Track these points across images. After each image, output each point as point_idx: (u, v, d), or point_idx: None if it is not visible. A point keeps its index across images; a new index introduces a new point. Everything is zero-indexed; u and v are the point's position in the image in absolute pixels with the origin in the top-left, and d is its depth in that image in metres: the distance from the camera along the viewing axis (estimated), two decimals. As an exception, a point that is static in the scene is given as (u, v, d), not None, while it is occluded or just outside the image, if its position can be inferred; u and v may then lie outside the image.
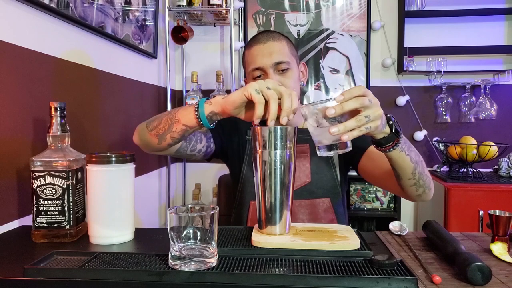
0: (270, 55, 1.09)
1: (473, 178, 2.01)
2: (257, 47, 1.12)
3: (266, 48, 1.10)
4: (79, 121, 1.35)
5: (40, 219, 0.86)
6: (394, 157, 0.88)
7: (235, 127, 1.24)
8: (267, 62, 1.09)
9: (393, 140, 0.83)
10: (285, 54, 1.11)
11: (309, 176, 1.15)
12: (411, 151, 0.90)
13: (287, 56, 1.11)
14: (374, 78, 2.42)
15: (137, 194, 0.89)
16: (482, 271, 0.63)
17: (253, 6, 2.44)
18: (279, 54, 1.10)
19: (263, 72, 1.11)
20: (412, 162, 0.90)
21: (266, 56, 1.09)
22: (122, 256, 0.72)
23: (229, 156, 1.25)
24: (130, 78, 1.78)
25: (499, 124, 2.33)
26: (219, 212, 0.68)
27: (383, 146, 0.85)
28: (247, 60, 1.16)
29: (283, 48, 1.12)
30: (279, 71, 1.10)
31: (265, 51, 1.10)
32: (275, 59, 1.09)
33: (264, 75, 1.11)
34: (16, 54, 1.05)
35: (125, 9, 1.70)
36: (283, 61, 1.10)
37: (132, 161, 0.87)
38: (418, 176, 0.93)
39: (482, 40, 2.30)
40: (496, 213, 0.83)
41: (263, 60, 1.09)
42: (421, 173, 0.93)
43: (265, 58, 1.09)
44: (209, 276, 0.64)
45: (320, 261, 0.70)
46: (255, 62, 1.11)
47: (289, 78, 1.11)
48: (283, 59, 1.10)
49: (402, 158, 0.89)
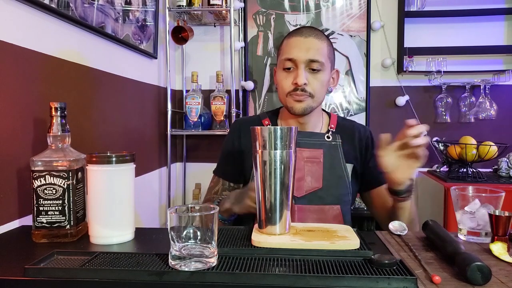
0: (308, 50, 1.07)
1: (473, 178, 2.01)
2: (297, 38, 1.09)
3: (305, 42, 1.07)
4: (79, 121, 1.35)
5: (41, 219, 0.86)
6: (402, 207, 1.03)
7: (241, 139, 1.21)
8: (302, 56, 1.06)
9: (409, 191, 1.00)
10: (322, 55, 1.08)
11: (320, 182, 1.12)
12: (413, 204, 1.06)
13: (323, 57, 1.08)
14: (374, 78, 2.42)
15: (137, 194, 0.89)
16: (482, 271, 0.63)
17: (253, 6, 2.44)
18: (316, 52, 1.07)
19: (294, 65, 1.08)
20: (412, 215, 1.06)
21: (303, 50, 1.07)
22: (122, 256, 0.72)
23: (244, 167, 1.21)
24: (130, 78, 1.78)
25: (499, 124, 2.33)
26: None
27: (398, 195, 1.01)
28: (283, 48, 1.12)
29: (322, 48, 1.09)
30: (310, 70, 1.08)
31: (303, 45, 1.07)
32: (310, 55, 1.06)
33: (294, 68, 1.08)
34: (16, 54, 1.05)
35: (125, 9, 1.70)
36: (318, 61, 1.07)
37: (132, 161, 0.87)
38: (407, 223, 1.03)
39: (482, 40, 2.30)
40: (496, 213, 0.83)
41: (299, 53, 1.07)
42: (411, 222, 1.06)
43: (302, 51, 1.07)
44: (209, 276, 0.64)
45: (320, 261, 0.70)
46: (290, 53, 1.08)
47: (318, 80, 1.09)
48: (318, 59, 1.07)
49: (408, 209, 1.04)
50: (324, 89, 1.12)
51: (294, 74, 1.08)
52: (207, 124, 2.26)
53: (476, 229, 0.87)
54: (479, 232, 0.87)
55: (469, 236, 0.88)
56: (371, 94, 2.41)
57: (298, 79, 1.06)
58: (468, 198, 0.89)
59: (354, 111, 2.43)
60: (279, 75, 1.13)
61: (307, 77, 1.07)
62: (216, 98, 2.22)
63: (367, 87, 2.40)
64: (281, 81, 1.11)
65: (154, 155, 2.15)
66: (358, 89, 2.42)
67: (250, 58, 2.46)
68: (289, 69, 1.09)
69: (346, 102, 2.44)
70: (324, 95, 1.15)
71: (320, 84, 1.09)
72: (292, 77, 1.08)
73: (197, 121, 2.20)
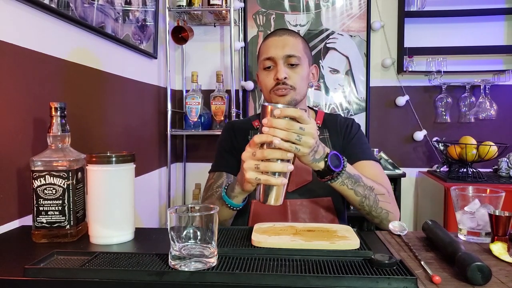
0: (283, 47, 1.12)
1: (473, 178, 2.01)
2: (273, 38, 1.16)
3: (280, 41, 1.14)
4: (79, 121, 1.35)
5: (41, 219, 0.86)
6: (336, 188, 0.97)
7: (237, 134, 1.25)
8: (279, 53, 1.12)
9: (329, 175, 0.93)
10: (298, 50, 1.14)
11: (310, 174, 1.15)
12: (357, 185, 0.97)
13: (299, 52, 1.14)
14: (374, 78, 2.42)
15: (137, 194, 0.89)
16: (482, 271, 0.63)
17: (253, 6, 2.44)
18: (292, 48, 1.13)
19: (274, 63, 1.13)
20: (358, 196, 0.98)
21: (280, 47, 1.13)
22: (122, 256, 0.72)
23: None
24: (130, 78, 1.78)
25: (499, 124, 2.33)
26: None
27: (321, 178, 0.95)
28: (261, 50, 1.19)
29: (297, 44, 1.15)
30: (289, 65, 1.13)
31: (279, 43, 1.13)
32: (287, 51, 1.12)
33: (274, 66, 1.13)
34: (16, 54, 1.05)
35: (125, 9, 1.70)
36: (294, 55, 1.12)
37: (132, 161, 0.87)
38: (368, 208, 1.01)
39: (482, 40, 2.30)
40: (496, 213, 0.83)
41: (276, 50, 1.12)
42: (371, 206, 1.01)
43: (278, 49, 1.12)
44: (209, 276, 0.64)
45: (320, 261, 0.70)
46: (268, 52, 1.14)
47: (297, 74, 1.13)
48: (295, 53, 1.12)
49: (344, 191, 0.97)
50: (305, 82, 1.17)
51: (274, 71, 1.13)
52: (207, 124, 2.26)
53: (476, 229, 0.87)
54: (479, 232, 0.87)
55: (469, 236, 0.88)
56: (371, 94, 2.41)
57: (278, 74, 1.11)
58: (468, 198, 0.89)
59: (354, 111, 2.43)
60: (260, 76, 1.18)
61: (286, 72, 1.12)
62: (216, 98, 2.22)
63: (367, 87, 2.40)
64: (263, 80, 1.16)
65: (154, 155, 2.15)
66: (358, 89, 2.42)
67: (250, 58, 2.46)
68: (269, 68, 1.14)
69: (346, 102, 2.44)
70: (306, 89, 1.19)
71: (300, 77, 1.14)
72: (273, 74, 1.13)
73: (197, 121, 2.20)
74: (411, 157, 2.43)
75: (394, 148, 2.41)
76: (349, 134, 1.21)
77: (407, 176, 2.34)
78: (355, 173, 0.98)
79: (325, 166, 0.91)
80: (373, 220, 1.05)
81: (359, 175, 0.99)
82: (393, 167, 2.23)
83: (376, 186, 1.02)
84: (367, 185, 0.99)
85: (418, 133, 2.37)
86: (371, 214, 1.02)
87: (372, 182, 1.02)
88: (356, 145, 1.18)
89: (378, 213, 1.02)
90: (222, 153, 1.25)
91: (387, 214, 1.03)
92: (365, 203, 1.00)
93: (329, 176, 0.93)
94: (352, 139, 1.20)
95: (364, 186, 0.98)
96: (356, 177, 0.97)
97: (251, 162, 0.84)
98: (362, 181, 0.98)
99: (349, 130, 1.22)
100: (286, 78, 1.11)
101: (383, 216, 1.03)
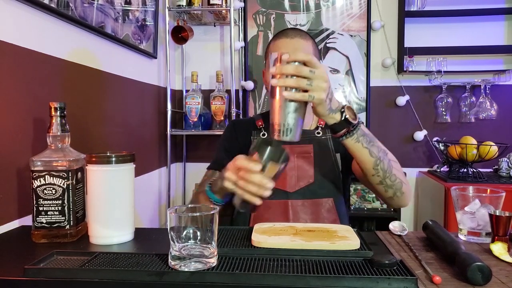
0: (294, 50, 1.08)
1: (473, 178, 2.01)
2: (284, 40, 1.13)
3: (292, 43, 1.11)
4: (79, 121, 1.35)
5: (40, 219, 0.86)
6: (350, 147, 0.90)
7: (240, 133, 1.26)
8: None
9: (345, 128, 0.86)
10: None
11: (312, 176, 1.16)
12: (371, 145, 0.91)
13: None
14: (374, 78, 2.42)
15: (137, 194, 0.89)
16: (482, 271, 0.63)
17: (253, 6, 2.44)
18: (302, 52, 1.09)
19: None
20: (372, 157, 0.91)
21: (290, 50, 1.08)
22: (122, 256, 0.72)
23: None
24: (130, 78, 1.78)
25: (499, 124, 2.33)
26: (219, 212, 0.68)
27: (335, 133, 0.88)
28: (270, 49, 1.16)
29: (308, 48, 1.13)
30: None
31: (290, 46, 1.11)
32: None
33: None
34: (16, 54, 1.05)
35: (125, 9, 1.70)
36: None
37: (132, 161, 0.87)
38: (382, 173, 0.94)
39: (482, 40, 2.30)
40: (496, 213, 0.83)
41: None
42: (386, 171, 0.94)
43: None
44: (209, 276, 0.64)
45: (320, 261, 0.70)
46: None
47: None
48: None
49: (358, 150, 0.90)
50: None
51: None
52: (207, 124, 2.26)
53: (476, 229, 0.87)
54: (479, 232, 0.87)
55: (470, 236, 0.88)
56: (371, 94, 2.41)
57: None
58: (468, 198, 0.89)
59: (354, 111, 2.43)
60: (267, 74, 1.17)
61: None
62: (216, 98, 2.22)
63: (367, 87, 2.40)
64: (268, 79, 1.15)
65: (154, 155, 2.15)
66: (358, 89, 2.42)
67: (250, 58, 2.46)
68: None
69: (346, 102, 2.43)
70: None
71: None
72: None
73: (197, 121, 2.20)
74: (412, 157, 2.43)
75: (394, 148, 2.37)
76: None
77: (408, 176, 2.33)
78: (369, 132, 0.92)
79: (341, 117, 0.85)
80: (385, 192, 0.98)
81: (373, 136, 0.93)
82: (393, 167, 2.22)
83: (388, 151, 0.96)
84: (381, 147, 0.93)
85: (418, 133, 2.37)
86: (385, 183, 0.95)
87: (384, 147, 0.96)
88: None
89: (392, 181, 0.95)
90: (221, 152, 1.25)
91: (401, 184, 0.97)
92: (380, 167, 0.93)
93: (345, 129, 0.86)
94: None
95: (378, 147, 0.92)
96: (370, 137, 0.92)
97: (232, 176, 0.86)
98: (376, 142, 0.93)
99: None
100: None
101: (397, 186, 0.96)
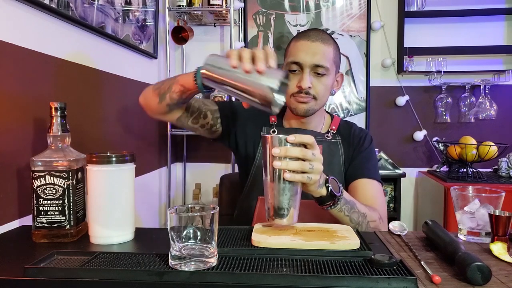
0: (314, 55, 1.08)
1: (473, 178, 2.01)
2: (305, 42, 1.11)
3: (312, 47, 1.09)
4: (79, 121, 1.35)
5: (41, 219, 0.86)
6: (334, 215, 0.95)
7: (252, 120, 1.23)
8: (308, 61, 1.08)
9: (330, 201, 0.90)
10: (328, 60, 1.10)
11: None
12: (352, 212, 0.96)
13: (329, 62, 1.10)
14: (374, 78, 2.42)
15: (137, 194, 0.89)
16: (482, 271, 0.63)
17: (253, 6, 2.44)
18: (322, 57, 1.09)
19: (300, 68, 1.10)
20: (352, 223, 0.96)
21: (310, 54, 1.08)
22: (122, 256, 0.72)
23: (240, 147, 1.23)
24: (130, 78, 1.78)
25: (499, 124, 2.33)
26: (220, 211, 0.68)
27: (321, 205, 0.92)
28: (290, 50, 1.14)
29: (328, 53, 1.10)
30: (315, 74, 1.10)
31: (310, 50, 1.09)
32: (316, 60, 1.08)
33: (299, 71, 1.10)
34: (17, 54, 1.05)
35: (125, 9, 1.70)
36: (323, 66, 1.08)
37: (132, 161, 0.87)
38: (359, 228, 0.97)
39: (482, 40, 2.30)
40: (496, 213, 0.83)
41: (305, 57, 1.08)
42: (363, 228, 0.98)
43: (308, 56, 1.08)
44: (209, 276, 0.64)
45: (320, 261, 0.70)
46: (296, 56, 1.10)
47: (322, 84, 1.10)
48: (324, 64, 1.08)
49: (341, 217, 0.95)
50: (328, 92, 1.15)
51: (299, 77, 1.10)
52: (207, 124, 2.26)
53: (476, 229, 0.87)
54: (479, 232, 0.87)
55: (469, 236, 0.88)
56: (371, 94, 2.41)
57: (303, 82, 1.08)
58: (468, 198, 0.89)
59: (354, 111, 2.43)
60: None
61: (311, 80, 1.09)
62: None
63: (367, 87, 2.40)
64: None
65: (154, 155, 2.15)
66: (358, 89, 2.42)
67: (250, 58, 2.46)
68: (294, 71, 1.11)
69: (346, 102, 2.44)
70: (327, 98, 1.17)
71: (324, 87, 1.11)
72: (297, 80, 1.10)
73: (197, 121, 2.20)
74: (411, 157, 2.43)
75: (394, 148, 2.41)
76: (360, 147, 1.19)
77: (407, 176, 2.34)
78: (350, 199, 0.96)
79: (327, 192, 0.88)
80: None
81: (353, 201, 0.97)
82: (393, 167, 2.23)
83: (368, 212, 0.99)
84: (360, 211, 0.97)
85: (418, 133, 2.37)
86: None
87: (365, 208, 0.99)
88: (363, 161, 1.16)
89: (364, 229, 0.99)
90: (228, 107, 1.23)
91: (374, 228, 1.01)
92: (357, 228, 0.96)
93: (330, 202, 0.90)
94: (362, 153, 1.18)
95: (358, 212, 0.97)
96: (351, 203, 0.95)
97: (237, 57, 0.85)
98: (356, 207, 0.97)
99: (361, 143, 1.19)
100: (310, 88, 1.08)
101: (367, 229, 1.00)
